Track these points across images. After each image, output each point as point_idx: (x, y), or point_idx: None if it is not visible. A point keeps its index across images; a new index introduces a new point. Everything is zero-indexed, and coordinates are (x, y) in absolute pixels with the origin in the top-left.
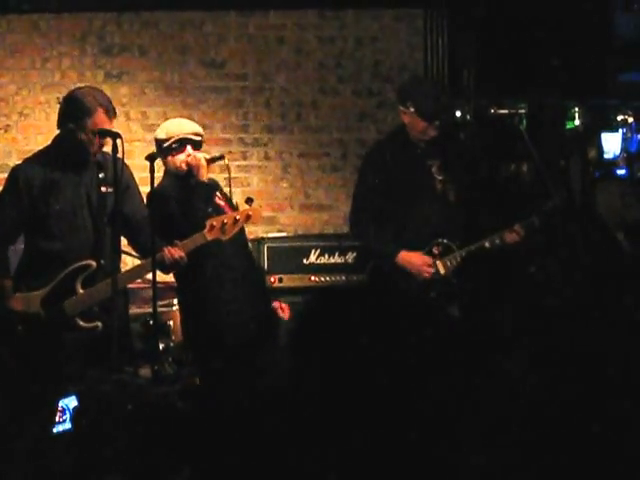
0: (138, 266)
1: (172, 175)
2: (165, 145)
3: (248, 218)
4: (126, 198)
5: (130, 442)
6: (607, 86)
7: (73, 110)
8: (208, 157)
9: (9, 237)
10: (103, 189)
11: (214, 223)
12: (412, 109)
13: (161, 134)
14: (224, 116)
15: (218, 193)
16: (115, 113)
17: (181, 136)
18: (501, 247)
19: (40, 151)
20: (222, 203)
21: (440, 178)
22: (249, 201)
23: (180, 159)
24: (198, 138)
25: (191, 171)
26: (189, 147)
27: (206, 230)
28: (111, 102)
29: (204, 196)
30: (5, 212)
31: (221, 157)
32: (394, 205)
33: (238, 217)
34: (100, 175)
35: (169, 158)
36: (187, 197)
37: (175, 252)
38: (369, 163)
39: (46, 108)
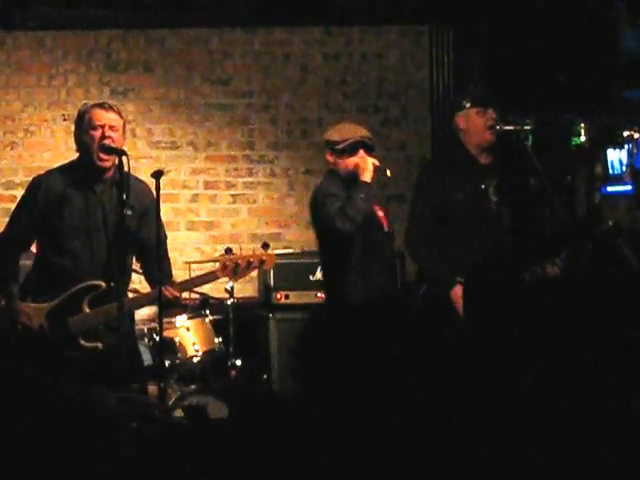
0: (145, 295)
1: (337, 176)
2: (339, 147)
3: (262, 263)
4: (143, 223)
5: (136, 460)
6: (613, 102)
7: (76, 122)
8: (377, 164)
9: (21, 243)
10: (125, 211)
11: (227, 263)
12: (468, 104)
13: (334, 136)
14: (230, 133)
15: (378, 205)
16: (110, 105)
17: (357, 139)
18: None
19: (63, 165)
20: (380, 213)
21: (495, 200)
22: (265, 247)
23: (353, 161)
24: (370, 142)
25: (357, 172)
26: (362, 150)
27: (219, 269)
28: (111, 106)
29: (366, 194)
30: (20, 218)
31: (385, 170)
32: (450, 225)
33: (252, 260)
34: (123, 196)
35: (340, 160)
36: (349, 194)
37: (170, 293)
38: (428, 180)
39: (52, 125)
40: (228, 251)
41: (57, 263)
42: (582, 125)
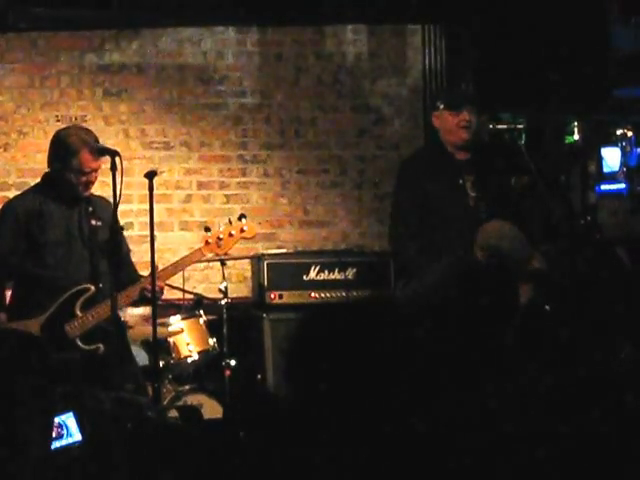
0: (133, 287)
1: None
2: None
3: (242, 231)
4: (113, 231)
5: (130, 459)
6: (606, 100)
7: (59, 151)
8: None
9: (8, 270)
10: (93, 222)
11: (209, 240)
12: (442, 105)
13: None
14: (223, 133)
15: None
16: (97, 146)
17: None
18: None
19: (31, 187)
20: None
21: (473, 195)
22: (242, 217)
23: None
24: None
25: None
26: None
27: (203, 246)
28: (97, 140)
29: None
30: (5, 245)
31: None
32: (427, 219)
33: (233, 231)
34: (89, 209)
35: None
36: None
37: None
38: (407, 176)
39: (45, 126)
40: (207, 229)
41: (42, 276)
42: (575, 123)
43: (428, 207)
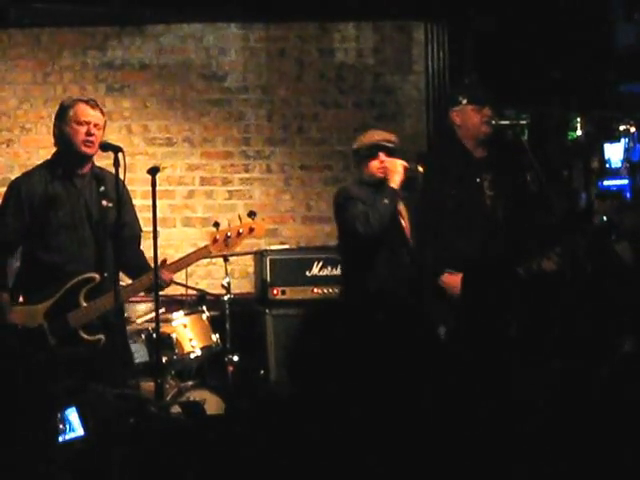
0: (139, 281)
1: (364, 183)
2: (359, 153)
3: (251, 231)
4: (122, 214)
5: (133, 454)
6: (609, 96)
7: (58, 113)
8: (406, 165)
9: (10, 248)
10: (104, 203)
11: (217, 237)
12: (465, 101)
13: (354, 144)
14: (226, 129)
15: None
16: (96, 103)
17: (373, 142)
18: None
19: (39, 165)
20: (404, 224)
21: (490, 194)
22: (251, 215)
23: (374, 165)
24: (390, 144)
25: (386, 177)
26: (382, 154)
27: (210, 244)
28: (97, 103)
29: (391, 199)
30: (7, 223)
31: (416, 167)
32: (444, 218)
33: (241, 230)
34: (101, 189)
35: (363, 166)
36: (374, 198)
37: (164, 275)
38: (425, 176)
39: (48, 122)
40: (216, 225)
41: (46, 260)
42: (578, 119)
43: (445, 207)
